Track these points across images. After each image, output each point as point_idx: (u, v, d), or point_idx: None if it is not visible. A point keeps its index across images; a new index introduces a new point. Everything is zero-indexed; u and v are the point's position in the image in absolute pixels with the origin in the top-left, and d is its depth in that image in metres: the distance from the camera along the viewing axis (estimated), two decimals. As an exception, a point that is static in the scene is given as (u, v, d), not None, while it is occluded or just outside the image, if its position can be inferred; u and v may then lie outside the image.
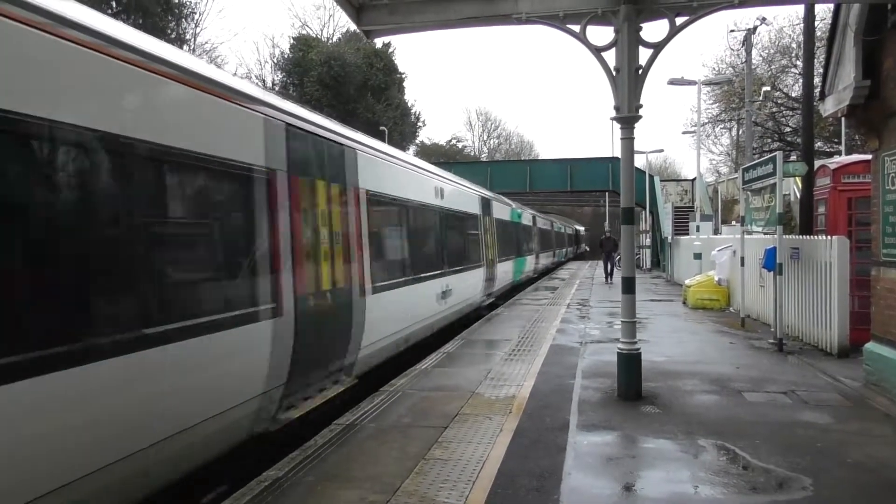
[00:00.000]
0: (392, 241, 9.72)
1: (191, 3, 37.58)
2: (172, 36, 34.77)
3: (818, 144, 29.41)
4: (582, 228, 73.00)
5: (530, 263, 26.47)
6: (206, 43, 43.38)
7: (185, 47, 34.66)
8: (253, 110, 5.71)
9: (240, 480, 5.16)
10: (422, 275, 10.65)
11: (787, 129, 36.05)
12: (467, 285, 14.27)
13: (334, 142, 7.54)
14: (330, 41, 50.94)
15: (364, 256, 8.01)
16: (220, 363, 4.99)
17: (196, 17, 38.71)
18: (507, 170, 41.94)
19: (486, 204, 17.47)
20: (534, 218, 28.81)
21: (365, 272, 8.01)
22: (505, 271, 19.37)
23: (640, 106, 7.31)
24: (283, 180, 6.05)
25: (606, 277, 25.92)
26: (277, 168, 5.98)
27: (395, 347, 9.42)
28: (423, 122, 60.33)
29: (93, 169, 3.92)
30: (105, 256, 3.98)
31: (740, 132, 37.52)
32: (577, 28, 7.34)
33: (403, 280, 9.70)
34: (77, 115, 3.73)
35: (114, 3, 31.48)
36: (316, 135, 7.01)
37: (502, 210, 20.51)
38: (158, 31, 30.88)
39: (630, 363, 7.45)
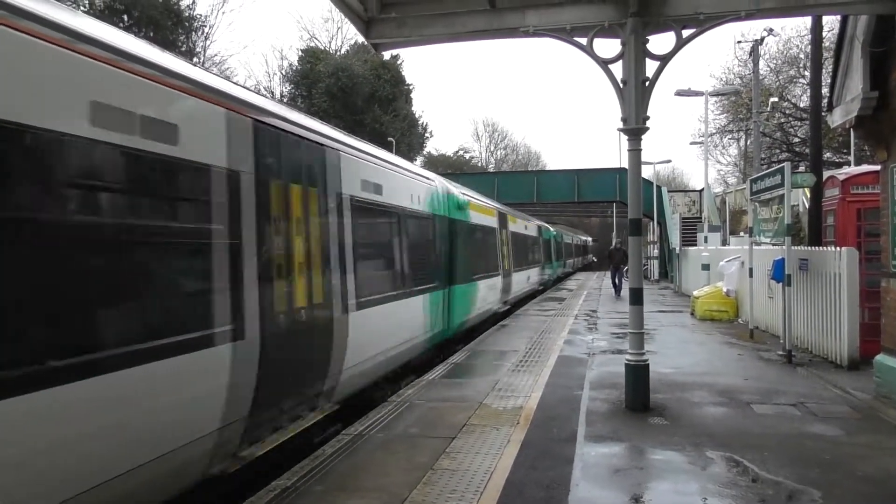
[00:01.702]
0: (382, 253, 8.99)
1: (201, 16, 38.03)
2: (183, 49, 35.09)
3: (827, 155, 29.31)
4: (589, 239, 72.96)
5: (536, 275, 25.84)
6: (216, 55, 43.76)
7: (195, 60, 34.96)
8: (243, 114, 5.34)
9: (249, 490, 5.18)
10: (417, 288, 9.95)
11: (796, 140, 36.01)
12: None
13: (315, 142, 6.74)
14: (338, 53, 51.30)
15: (347, 269, 7.21)
16: (154, 396, 4.22)
17: (206, 29, 39.15)
18: (515, 180, 41.94)
19: (502, 218, 17.23)
20: (540, 229, 28.52)
21: (348, 287, 7.21)
22: (508, 285, 18.68)
23: (648, 117, 7.34)
24: (248, 184, 5.30)
25: (615, 291, 24.42)
26: (242, 170, 5.23)
27: (386, 367, 8.70)
28: (431, 132, 60.50)
29: None
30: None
31: (748, 143, 37.50)
32: (584, 41, 7.39)
33: (395, 294, 8.93)
34: None
35: (125, 17, 31.84)
36: (291, 133, 6.24)
37: (512, 222, 20.29)
38: (169, 44, 31.18)
39: (638, 374, 7.44)
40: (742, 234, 22.71)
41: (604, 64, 7.38)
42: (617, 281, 24.72)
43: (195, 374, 4.61)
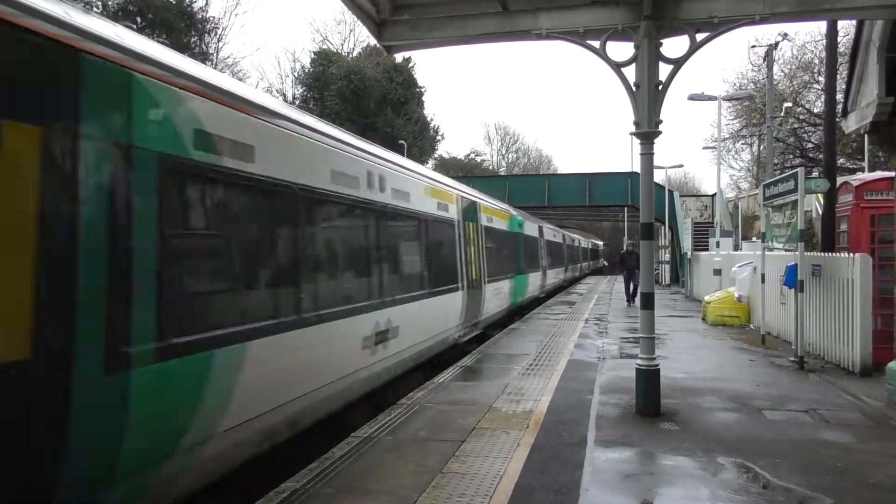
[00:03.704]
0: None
1: (214, 18, 38.28)
2: (196, 51, 35.32)
3: (841, 161, 29.10)
4: (601, 243, 72.80)
5: (535, 282, 22.40)
6: (229, 58, 43.99)
7: (208, 62, 35.20)
8: None
9: (256, 492, 5.20)
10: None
11: (809, 145, 35.78)
12: None
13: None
14: (350, 56, 51.45)
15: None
16: None
17: (219, 32, 39.37)
18: (526, 184, 41.98)
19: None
20: (540, 229, 25.14)
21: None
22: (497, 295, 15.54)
23: (660, 121, 7.32)
24: None
25: (628, 299, 21.84)
26: None
27: None
28: (442, 136, 60.61)
29: None
30: None
31: (761, 148, 37.32)
32: (596, 44, 7.38)
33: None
34: None
35: (139, 19, 32.10)
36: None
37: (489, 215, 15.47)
38: (182, 47, 31.41)
39: (649, 379, 7.40)
40: (754, 239, 22.57)
41: (617, 67, 7.36)
42: (631, 288, 21.79)
43: None
